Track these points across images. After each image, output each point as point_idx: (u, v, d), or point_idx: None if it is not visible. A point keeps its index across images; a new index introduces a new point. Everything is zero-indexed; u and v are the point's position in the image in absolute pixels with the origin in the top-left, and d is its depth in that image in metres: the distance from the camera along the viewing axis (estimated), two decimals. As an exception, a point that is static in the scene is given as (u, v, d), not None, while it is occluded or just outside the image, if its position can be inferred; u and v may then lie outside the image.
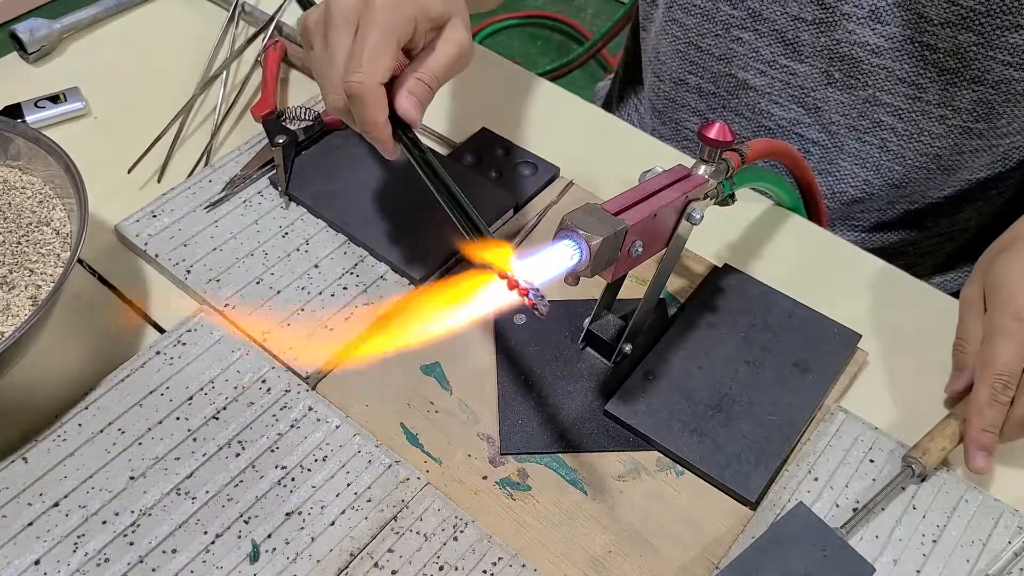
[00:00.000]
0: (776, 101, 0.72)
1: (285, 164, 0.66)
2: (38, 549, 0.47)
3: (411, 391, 0.55)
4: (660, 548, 0.49)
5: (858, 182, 0.73)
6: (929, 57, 0.63)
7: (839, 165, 0.73)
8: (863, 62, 0.66)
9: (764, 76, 0.71)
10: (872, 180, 0.72)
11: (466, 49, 0.54)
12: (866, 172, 0.72)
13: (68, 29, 0.79)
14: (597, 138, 0.73)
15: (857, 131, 0.70)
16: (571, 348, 0.57)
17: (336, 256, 0.61)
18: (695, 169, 0.52)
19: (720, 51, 0.73)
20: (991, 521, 0.49)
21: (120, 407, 0.53)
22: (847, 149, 0.71)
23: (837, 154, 0.72)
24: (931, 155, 0.68)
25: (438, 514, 0.49)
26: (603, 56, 1.92)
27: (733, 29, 0.71)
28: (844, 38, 0.66)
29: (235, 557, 0.47)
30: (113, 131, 0.72)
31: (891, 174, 0.71)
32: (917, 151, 0.68)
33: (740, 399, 0.54)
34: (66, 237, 0.56)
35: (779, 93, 0.71)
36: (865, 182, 0.72)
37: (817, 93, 0.70)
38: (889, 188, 0.72)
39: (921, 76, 0.64)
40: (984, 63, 0.62)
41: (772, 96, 0.72)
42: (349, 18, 0.49)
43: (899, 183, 0.71)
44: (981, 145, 0.67)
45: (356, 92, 0.49)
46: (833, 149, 0.72)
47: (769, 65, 0.71)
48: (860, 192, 0.73)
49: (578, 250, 0.43)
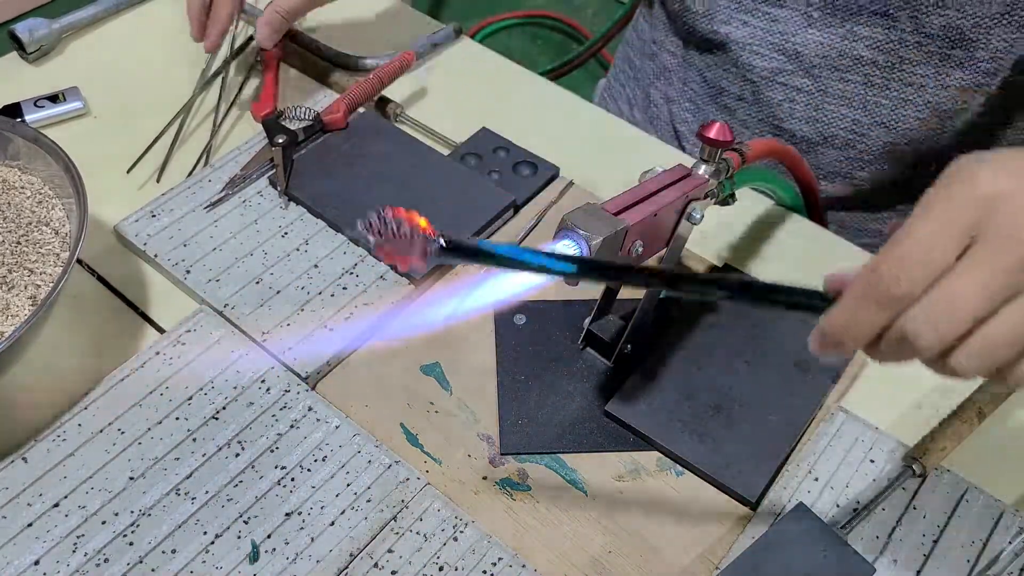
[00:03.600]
0: (757, 51, 0.73)
1: (285, 164, 0.66)
2: (38, 549, 0.47)
3: (411, 391, 0.55)
4: (660, 548, 0.49)
5: (847, 123, 0.73)
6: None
7: (826, 110, 0.73)
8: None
9: (746, 27, 0.73)
10: (861, 119, 0.72)
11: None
12: (854, 111, 0.72)
13: (67, 29, 0.79)
14: (597, 138, 0.73)
15: (839, 70, 0.71)
16: (571, 348, 0.57)
17: (336, 256, 0.61)
18: (695, 169, 0.52)
19: (704, 8, 0.75)
20: (991, 521, 0.49)
21: (120, 407, 0.53)
22: (832, 91, 0.72)
23: (823, 98, 0.73)
24: (915, 85, 0.69)
25: (438, 514, 0.49)
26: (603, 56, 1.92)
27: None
28: None
29: (235, 557, 0.47)
30: (112, 131, 0.72)
31: (879, 110, 0.71)
32: (901, 80, 0.69)
33: (740, 399, 0.54)
34: (65, 237, 0.56)
35: (760, 43, 0.72)
36: (854, 122, 0.73)
37: (797, 37, 0.71)
38: (880, 128, 0.72)
39: (889, 5, 0.66)
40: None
41: (753, 47, 0.73)
42: None
43: (888, 122, 0.72)
44: (968, 80, 0.67)
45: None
46: (818, 94, 0.73)
47: (751, 14, 0.72)
48: (850, 133, 0.74)
49: (578, 250, 0.43)
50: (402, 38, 0.80)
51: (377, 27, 0.83)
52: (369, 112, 0.72)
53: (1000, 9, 0.62)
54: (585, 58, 1.87)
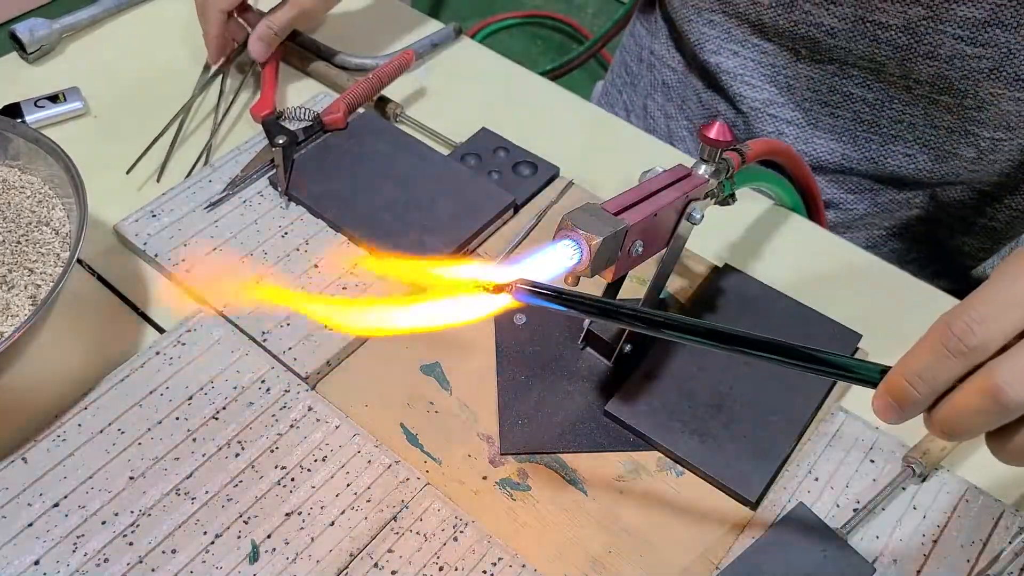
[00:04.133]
0: (748, 83, 0.73)
1: (285, 164, 0.66)
2: (38, 549, 0.47)
3: (411, 391, 0.55)
4: (660, 548, 0.49)
5: (836, 157, 0.73)
6: (882, 36, 0.64)
7: (815, 144, 0.73)
8: (821, 43, 0.68)
9: (737, 57, 0.73)
10: (851, 155, 0.72)
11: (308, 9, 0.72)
12: (844, 146, 0.72)
13: (68, 29, 0.79)
14: (597, 138, 0.73)
15: (829, 105, 0.71)
16: (571, 348, 0.57)
17: (336, 256, 0.61)
18: (695, 169, 0.52)
19: (695, 36, 0.75)
20: (991, 521, 0.49)
21: (120, 407, 0.53)
22: (822, 125, 0.72)
23: (812, 132, 0.73)
24: (905, 123, 0.69)
25: (438, 514, 0.49)
26: (603, 56, 1.92)
27: (704, 12, 0.74)
28: (802, 19, 0.67)
29: (235, 557, 0.47)
30: (112, 131, 0.72)
31: (869, 145, 0.71)
32: (891, 119, 0.69)
33: (740, 399, 0.54)
34: (65, 237, 0.56)
35: (751, 74, 0.72)
36: (843, 156, 0.73)
37: (788, 70, 0.71)
38: (868, 164, 0.72)
39: (877, 53, 0.66)
40: (935, 37, 0.62)
41: (745, 78, 0.73)
42: None
43: (877, 158, 0.72)
44: (956, 124, 0.67)
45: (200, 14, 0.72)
46: (808, 127, 0.73)
47: (741, 45, 0.72)
48: (838, 167, 0.74)
49: (578, 250, 0.43)
50: (402, 38, 0.80)
51: (377, 27, 0.83)
52: (369, 112, 0.72)
53: (989, 65, 0.62)
54: (585, 58, 1.87)
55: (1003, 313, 0.35)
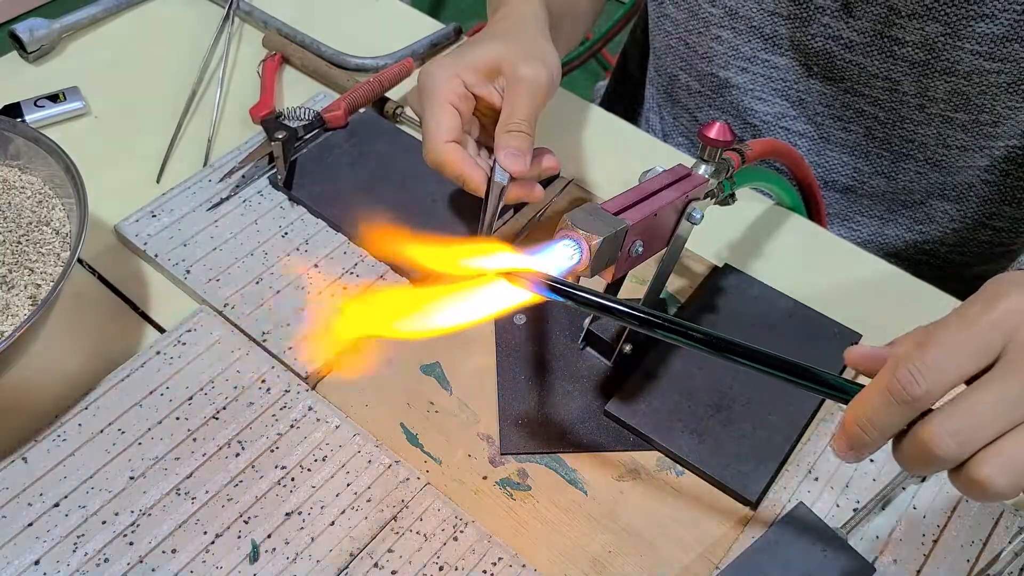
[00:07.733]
0: (760, 97, 0.72)
1: (285, 156, 0.66)
2: (38, 549, 0.47)
3: (411, 391, 0.55)
4: (660, 548, 0.49)
5: (848, 170, 0.73)
6: (898, 52, 0.64)
7: (828, 156, 0.73)
8: (837, 58, 0.67)
9: (746, 73, 0.72)
10: (862, 168, 0.72)
11: (539, 82, 0.55)
12: (855, 160, 0.72)
13: (68, 29, 0.79)
14: (597, 138, 0.73)
15: (842, 120, 0.71)
16: (571, 348, 0.57)
17: (336, 256, 0.61)
18: (695, 169, 0.52)
19: (703, 49, 0.74)
20: (991, 521, 0.49)
21: (120, 407, 0.53)
22: (834, 139, 0.72)
23: (824, 145, 0.73)
24: (917, 143, 0.69)
25: (438, 514, 0.49)
26: (603, 56, 1.92)
27: (712, 27, 0.72)
28: (819, 32, 0.67)
29: (235, 557, 0.47)
30: (112, 130, 0.72)
31: (880, 161, 0.71)
32: (903, 138, 0.69)
33: (740, 399, 0.54)
34: (66, 237, 0.56)
35: (762, 88, 0.72)
36: (855, 170, 0.73)
37: (800, 85, 0.71)
38: (880, 178, 0.72)
39: (893, 70, 0.65)
40: (953, 53, 0.62)
41: (755, 92, 0.72)
42: (420, 95, 0.56)
43: (889, 173, 0.71)
44: (969, 142, 0.67)
45: (429, 163, 0.55)
46: (820, 140, 0.72)
47: (750, 61, 0.71)
48: (851, 180, 0.73)
49: (578, 250, 0.43)
50: (402, 38, 0.80)
51: (377, 27, 0.83)
52: (369, 112, 0.72)
53: (1008, 79, 0.62)
54: (585, 58, 1.87)
55: (950, 359, 0.35)
